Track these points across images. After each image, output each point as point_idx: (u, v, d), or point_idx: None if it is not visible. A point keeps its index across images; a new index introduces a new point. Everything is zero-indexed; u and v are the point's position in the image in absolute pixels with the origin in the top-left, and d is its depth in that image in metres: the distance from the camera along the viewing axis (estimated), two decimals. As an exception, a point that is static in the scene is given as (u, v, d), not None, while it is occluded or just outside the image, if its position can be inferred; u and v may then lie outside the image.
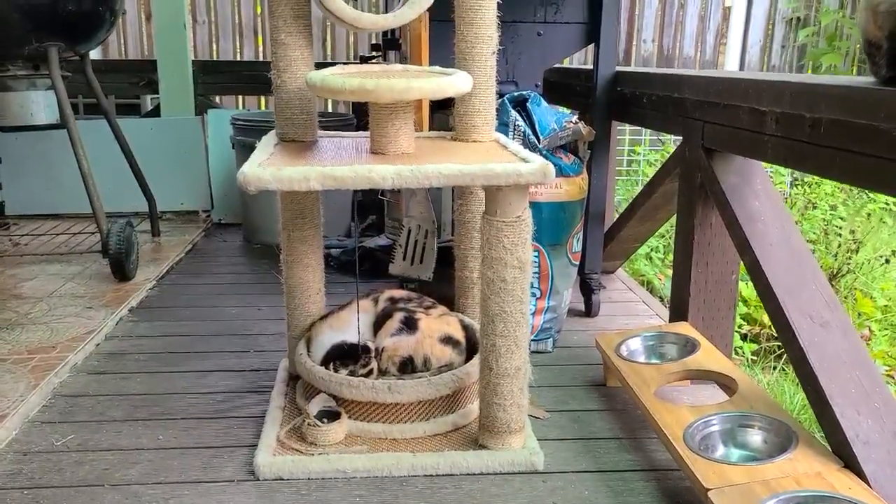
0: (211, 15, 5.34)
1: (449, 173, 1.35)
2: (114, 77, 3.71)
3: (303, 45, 1.65)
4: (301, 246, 1.75)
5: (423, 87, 1.43)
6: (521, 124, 1.97)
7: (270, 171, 1.33)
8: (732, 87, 1.56)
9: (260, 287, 2.64)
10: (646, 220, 2.38)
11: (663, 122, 2.01)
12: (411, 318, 1.70)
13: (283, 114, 1.68)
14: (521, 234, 1.41)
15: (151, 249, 3.02)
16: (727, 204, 1.64)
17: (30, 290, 2.46)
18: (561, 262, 2.05)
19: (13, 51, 2.58)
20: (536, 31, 2.29)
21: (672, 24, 5.56)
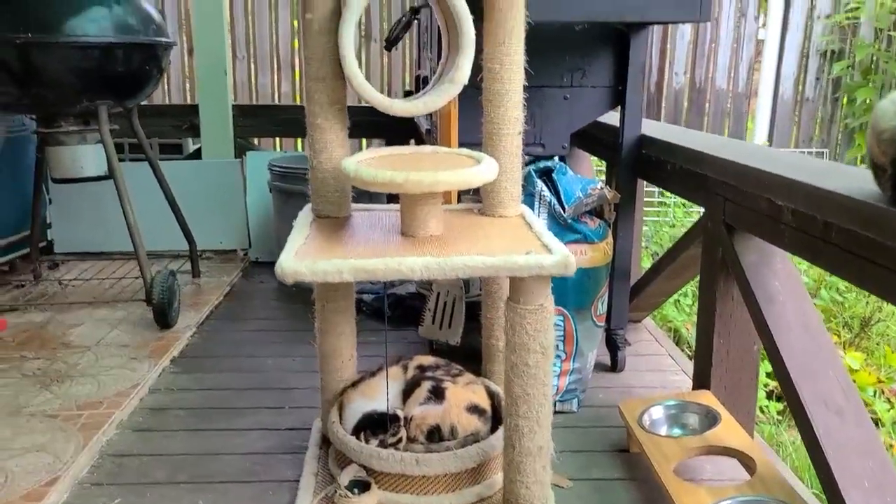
0: (250, 50, 5.50)
1: (474, 265, 1.42)
2: (158, 121, 3.86)
3: (338, 129, 1.74)
4: (335, 316, 1.83)
5: (451, 180, 1.51)
6: (547, 194, 2.04)
7: (306, 264, 1.41)
8: (749, 176, 1.60)
9: (294, 334, 2.73)
10: (671, 278, 2.43)
11: (686, 191, 2.05)
12: (439, 388, 1.77)
13: (319, 192, 1.77)
14: (543, 322, 1.47)
15: (192, 293, 3.13)
16: (746, 282, 1.68)
17: (78, 338, 2.58)
18: (586, 324, 2.10)
19: (67, 109, 2.72)
20: (563, 95, 2.35)
21: (704, 56, 5.57)
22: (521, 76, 1.74)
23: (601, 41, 2.30)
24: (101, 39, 2.57)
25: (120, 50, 2.64)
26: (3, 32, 2.46)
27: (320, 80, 1.70)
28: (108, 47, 2.60)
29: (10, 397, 2.12)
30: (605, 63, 2.33)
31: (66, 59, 2.54)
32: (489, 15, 1.71)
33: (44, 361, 2.38)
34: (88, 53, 2.56)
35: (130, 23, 2.68)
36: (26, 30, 2.45)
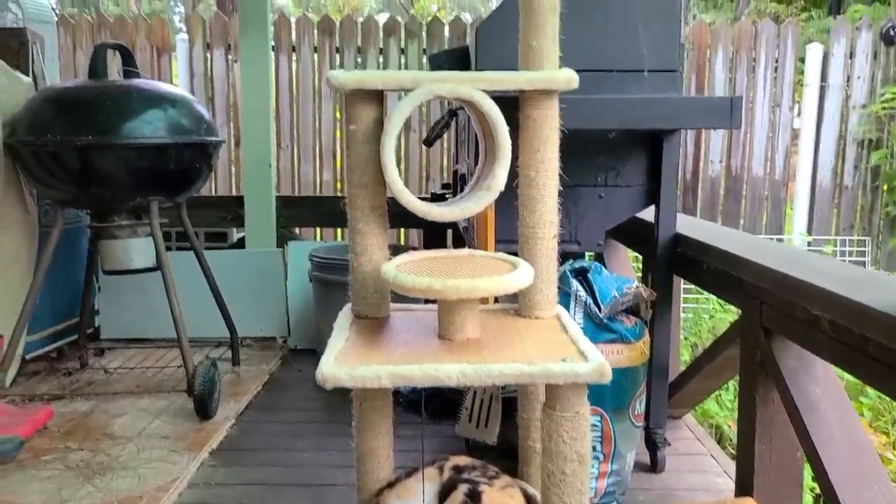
0: (294, 141, 5.72)
1: (510, 373, 1.44)
2: (204, 211, 3.99)
3: (378, 233, 1.80)
4: (372, 415, 1.85)
5: (488, 286, 1.54)
6: (583, 294, 2.06)
7: (345, 370, 1.45)
8: (785, 284, 1.61)
9: (332, 426, 2.74)
10: (710, 378, 2.40)
11: (722, 291, 2.06)
12: (475, 491, 1.76)
13: (359, 293, 1.82)
14: (579, 429, 1.47)
15: (231, 382, 3.18)
16: (786, 388, 1.66)
17: (120, 429, 2.63)
18: (624, 425, 2.08)
19: (121, 205, 2.86)
20: (598, 194, 2.40)
21: (739, 144, 5.63)
22: (556, 182, 1.79)
23: (634, 143, 2.36)
24: (155, 140, 2.71)
25: (173, 149, 2.78)
26: (66, 136, 2.62)
27: (362, 188, 1.77)
28: (162, 147, 2.74)
29: (54, 491, 2.16)
30: (638, 163, 2.38)
31: (122, 159, 2.69)
32: (524, 124, 1.77)
33: (87, 453, 2.42)
34: (143, 153, 2.71)
35: (183, 124, 2.83)
36: (87, 133, 2.61)
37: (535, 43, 1.76)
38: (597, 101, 2.13)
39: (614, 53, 2.30)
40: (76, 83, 2.93)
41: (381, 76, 1.69)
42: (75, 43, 5.74)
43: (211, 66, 5.70)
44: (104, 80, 2.82)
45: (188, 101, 2.96)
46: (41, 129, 2.65)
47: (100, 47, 2.86)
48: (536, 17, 1.74)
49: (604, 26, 2.30)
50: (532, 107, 1.75)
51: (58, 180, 2.74)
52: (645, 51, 2.31)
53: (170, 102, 2.84)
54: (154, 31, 5.76)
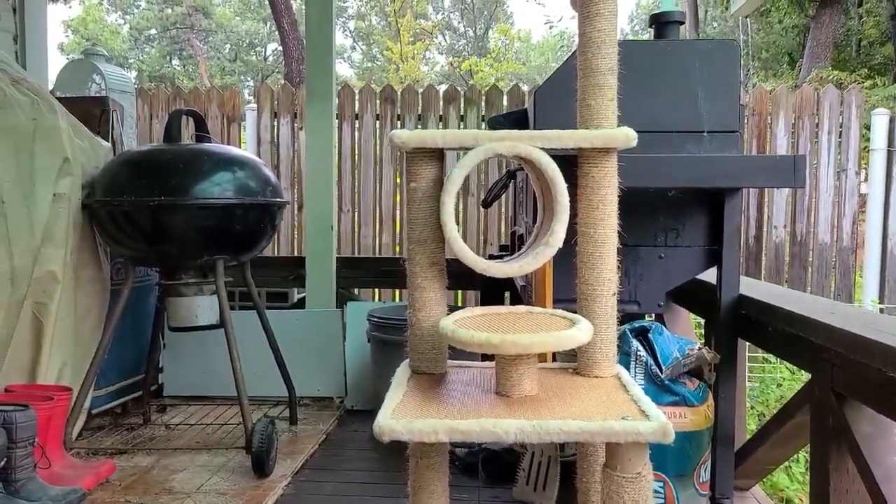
0: (355, 205, 5.85)
1: (569, 430, 1.42)
2: (267, 271, 4.10)
3: (436, 288, 1.82)
4: (428, 473, 1.83)
5: (546, 341, 1.54)
6: (643, 354, 2.02)
7: (402, 424, 1.44)
8: (858, 344, 1.56)
9: (387, 488, 2.71)
10: (778, 446, 2.30)
11: (790, 354, 2.00)
12: (533, 555, 1.71)
13: (417, 348, 1.83)
14: (641, 491, 1.43)
15: (288, 440, 3.19)
16: (861, 456, 1.59)
17: (179, 485, 2.65)
18: (688, 493, 2.01)
19: (188, 263, 2.96)
20: (658, 255, 2.38)
21: (804, 210, 5.51)
22: (615, 239, 1.79)
23: (695, 202, 2.34)
24: (223, 201, 2.82)
25: (239, 209, 2.88)
26: (139, 196, 2.74)
27: (422, 243, 1.80)
28: (229, 207, 2.84)
29: (113, 544, 2.18)
30: (699, 223, 2.36)
31: (191, 218, 2.79)
32: (583, 182, 1.79)
33: (146, 508, 2.45)
34: (211, 213, 2.81)
35: (250, 185, 2.93)
36: (160, 193, 2.73)
37: (594, 102, 1.78)
38: (657, 160, 2.13)
39: (673, 115, 2.32)
40: (151, 146, 3.08)
41: (441, 134, 1.73)
42: (152, 112, 6.06)
43: (277, 134, 5.92)
44: (177, 143, 2.96)
45: (256, 163, 3.07)
46: (117, 190, 2.79)
47: (175, 113, 3.01)
48: (595, 77, 1.77)
49: (662, 88, 2.32)
50: (590, 164, 1.77)
51: (130, 238, 2.85)
52: (704, 112, 2.32)
53: (238, 165, 2.95)
54: (225, 102, 6.04)
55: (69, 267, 2.86)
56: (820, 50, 12.94)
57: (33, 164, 2.74)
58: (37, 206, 2.75)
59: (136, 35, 23.69)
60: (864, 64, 13.51)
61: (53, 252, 2.78)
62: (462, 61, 18.93)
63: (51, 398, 2.52)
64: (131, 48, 23.85)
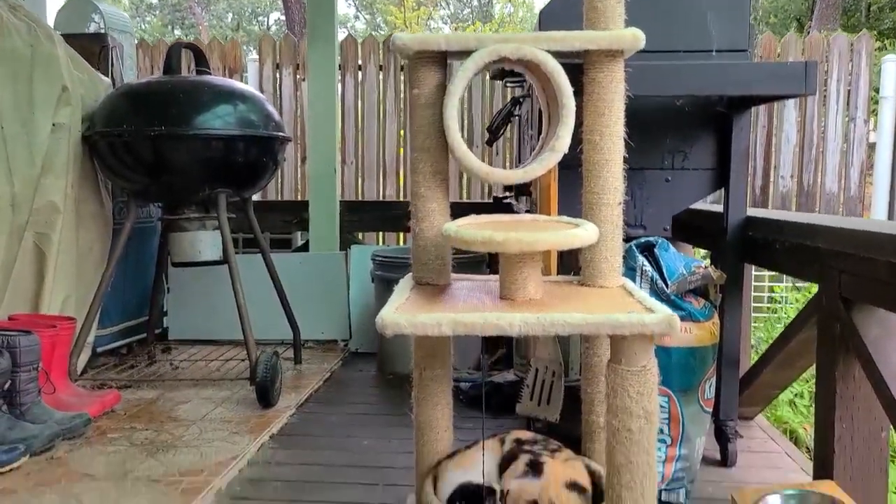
0: (358, 157, 5.81)
1: (574, 322, 1.40)
2: (271, 215, 4.08)
3: (440, 198, 1.79)
4: (432, 385, 1.82)
5: (550, 239, 1.51)
6: (649, 269, 2.00)
7: (405, 317, 1.43)
8: (869, 240, 1.53)
9: (392, 418, 2.72)
10: (783, 367, 2.29)
11: (797, 268, 1.98)
12: (537, 462, 1.71)
13: (420, 259, 1.81)
14: (646, 384, 1.42)
15: (293, 377, 3.20)
16: (870, 358, 1.57)
17: (184, 413, 2.66)
18: (692, 408, 2.00)
19: (190, 197, 2.94)
20: (665, 178, 2.35)
21: (812, 160, 5.46)
22: (622, 147, 1.75)
23: (702, 123, 2.30)
24: (224, 132, 2.79)
25: (241, 142, 2.85)
26: (140, 127, 2.72)
27: (425, 151, 1.77)
28: (231, 140, 2.81)
29: (119, 463, 2.19)
30: (707, 145, 2.32)
31: (192, 149, 2.77)
32: (589, 88, 1.75)
33: (151, 433, 2.45)
34: (212, 145, 2.79)
35: (252, 119, 2.91)
36: (160, 124, 2.70)
37: (600, 4, 1.74)
38: (664, 67, 2.08)
39: (681, 34, 2.27)
40: (150, 78, 3.05)
41: (444, 37, 1.69)
42: (153, 64, 6.00)
43: (280, 86, 5.86)
44: (178, 75, 2.92)
45: (258, 97, 3.04)
46: (117, 121, 2.76)
47: (174, 46, 2.98)
48: (601, -24, 1.73)
49: (670, 6, 2.27)
50: (597, 69, 1.73)
51: (131, 171, 2.83)
52: (713, 31, 2.28)
53: (240, 98, 2.92)
54: (227, 53, 5.97)
55: (70, 199, 2.85)
56: (829, 13, 12.76)
57: (32, 91, 2.71)
58: (36, 134, 2.73)
59: (137, 3, 23.47)
60: (872, 28, 13.33)
61: (54, 182, 2.77)
62: (466, 27, 18.75)
63: (54, 326, 2.52)
64: (133, 16, 23.64)
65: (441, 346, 1.82)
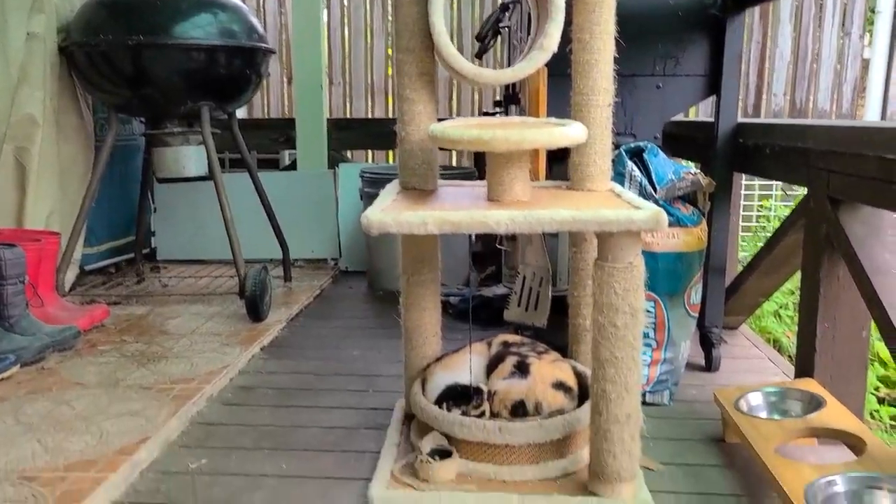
0: (346, 77, 5.68)
1: (561, 219, 1.39)
2: (257, 133, 4.02)
3: (426, 100, 1.76)
4: (419, 290, 1.83)
5: (537, 137, 1.49)
6: (638, 175, 1.99)
7: (391, 216, 1.42)
8: (857, 136, 1.52)
9: (382, 331, 2.74)
10: (770, 273, 2.31)
11: (786, 172, 1.97)
12: (524, 363, 1.73)
13: (406, 164, 1.79)
14: (632, 280, 1.42)
15: (283, 294, 3.20)
16: (854, 256, 1.58)
17: (174, 328, 2.67)
18: (678, 312, 2.02)
19: (172, 110, 2.88)
20: (655, 84, 2.31)
21: (805, 77, 5.38)
22: (612, 47, 1.71)
23: (695, 27, 2.25)
24: (205, 42, 2.71)
25: (223, 53, 2.77)
26: (118, 36, 2.63)
27: (410, 52, 1.72)
28: (212, 50, 2.73)
29: (110, 372, 2.20)
30: (699, 50, 2.28)
31: (172, 60, 2.69)
32: (579, -16, 1.70)
33: (142, 345, 2.47)
34: (193, 55, 2.71)
35: (234, 29, 2.82)
36: (139, 33, 2.62)
37: None
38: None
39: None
40: (129, -13, 2.93)
41: (429, -71, 1.63)
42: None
43: (263, 3, 5.69)
44: (156, -16, 2.82)
45: (240, 7, 2.94)
46: (94, 31, 2.67)
47: (151, -48, 2.85)
48: None
49: None
50: (587, -37, 1.68)
51: (110, 83, 2.76)
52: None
53: (221, 7, 2.82)
54: (207, -32, 5.76)
55: (49, 112, 2.78)
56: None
57: (2, -2, 2.62)
58: (9, 43, 2.64)
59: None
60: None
61: (30, 93, 2.70)
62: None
63: (38, 240, 2.50)
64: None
65: (428, 250, 1.82)
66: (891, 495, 1.32)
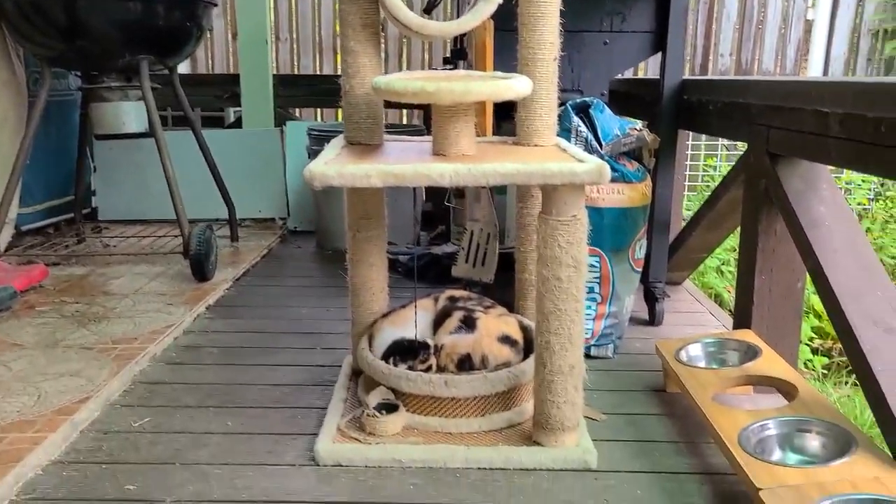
0: (293, 33, 5.57)
1: (506, 172, 1.39)
2: (200, 90, 3.91)
3: (371, 53, 1.72)
4: (366, 245, 1.82)
5: (482, 89, 1.48)
6: (584, 130, 1.99)
7: (334, 169, 1.40)
8: (796, 90, 1.54)
9: (330, 290, 2.72)
10: (712, 229, 2.36)
11: (729, 128, 1.99)
12: (470, 317, 1.74)
13: (351, 118, 1.76)
14: (576, 234, 1.43)
15: (230, 253, 3.16)
16: (791, 209, 1.62)
17: (117, 288, 2.62)
18: (622, 267, 2.05)
19: (109, 63, 2.77)
20: (602, 41, 2.31)
21: (751, 37, 5.46)
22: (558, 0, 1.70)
23: (642, -17, 2.25)
24: (143, -7, 2.61)
25: (161, 4, 2.67)
26: (50, -15, 2.51)
27: (353, 2, 1.68)
28: (150, 1, 2.63)
29: (48, 333, 2.15)
30: (645, 7, 2.28)
31: (108, 11, 2.58)
32: (525, -65, 1.68)
33: (82, 306, 2.41)
34: (130, 6, 2.61)
35: (173, -21, 2.71)
36: (72, -18, 2.50)
37: None
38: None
39: None
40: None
41: None
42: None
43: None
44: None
45: (178, -43, 2.83)
46: (23, -21, 2.55)
47: None
48: None
49: None
50: (533, -88, 1.65)
51: (42, 35, 2.64)
52: None
53: (158, -44, 2.71)
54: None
55: (-23, 65, 2.66)
56: None
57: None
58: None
59: None
60: None
61: (-44, 45, 2.57)
62: None
63: (-30, 198, 2.40)
64: None
65: (374, 206, 1.80)
66: (819, 437, 1.37)
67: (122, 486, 1.42)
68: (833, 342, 2.97)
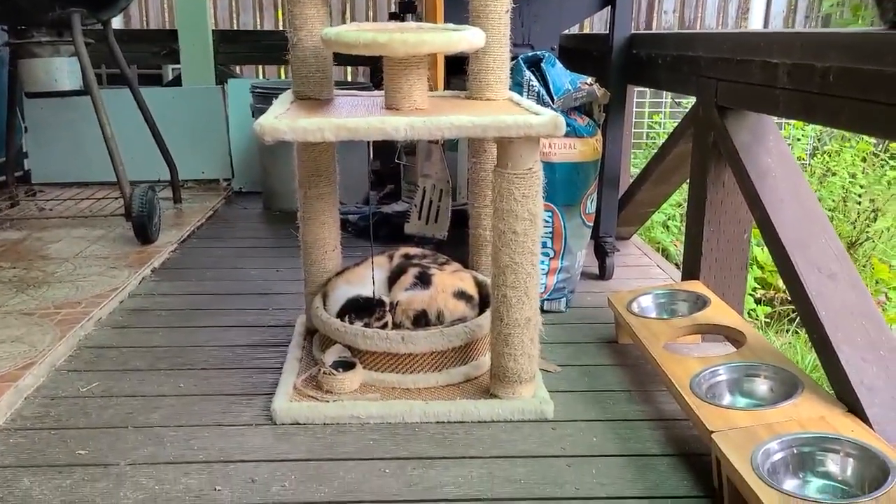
0: (232, -12, 5.37)
1: (461, 124, 1.38)
2: (136, 46, 3.75)
3: (318, 3, 1.67)
4: (317, 203, 1.79)
5: (436, 40, 1.45)
6: (536, 84, 1.99)
7: (286, 122, 1.36)
8: (745, 42, 1.56)
9: (280, 251, 2.68)
10: (660, 183, 2.39)
11: (678, 82, 2.01)
12: (425, 274, 1.74)
13: (300, 72, 1.71)
14: (531, 187, 1.43)
15: (173, 215, 3.08)
16: (739, 161, 1.65)
17: (55, 252, 2.53)
18: (574, 222, 2.07)
19: (38, 17, 2.64)
20: (552, -6, 2.29)
21: (694, -6, 5.50)
22: (509, -50, 1.68)
23: (591, -65, 2.23)
24: (72, -59, 2.47)
25: (92, -47, 2.55)
26: (-31, -69, 2.36)
27: (299, -50, 1.63)
28: (80, -50, 2.50)
29: (-15, 299, 2.07)
30: (595, -40, 2.27)
31: (36, -40, 2.45)
32: None
33: (20, 271, 2.32)
34: (60, -44, 2.48)
35: (103, -73, 2.58)
36: (-6, -72, 2.36)
37: None
38: None
39: None
40: None
41: None
42: None
43: None
44: None
45: None
46: (-60, -76, 2.39)
47: None
48: None
49: None
50: None
51: (-35, -15, 2.50)
52: None
53: None
54: None
55: None
56: None
57: None
58: None
59: None
60: None
61: None
62: None
63: None
64: None
65: (325, 162, 1.77)
66: (767, 381, 1.42)
67: (74, 451, 1.38)
68: (775, 292, 3.07)
